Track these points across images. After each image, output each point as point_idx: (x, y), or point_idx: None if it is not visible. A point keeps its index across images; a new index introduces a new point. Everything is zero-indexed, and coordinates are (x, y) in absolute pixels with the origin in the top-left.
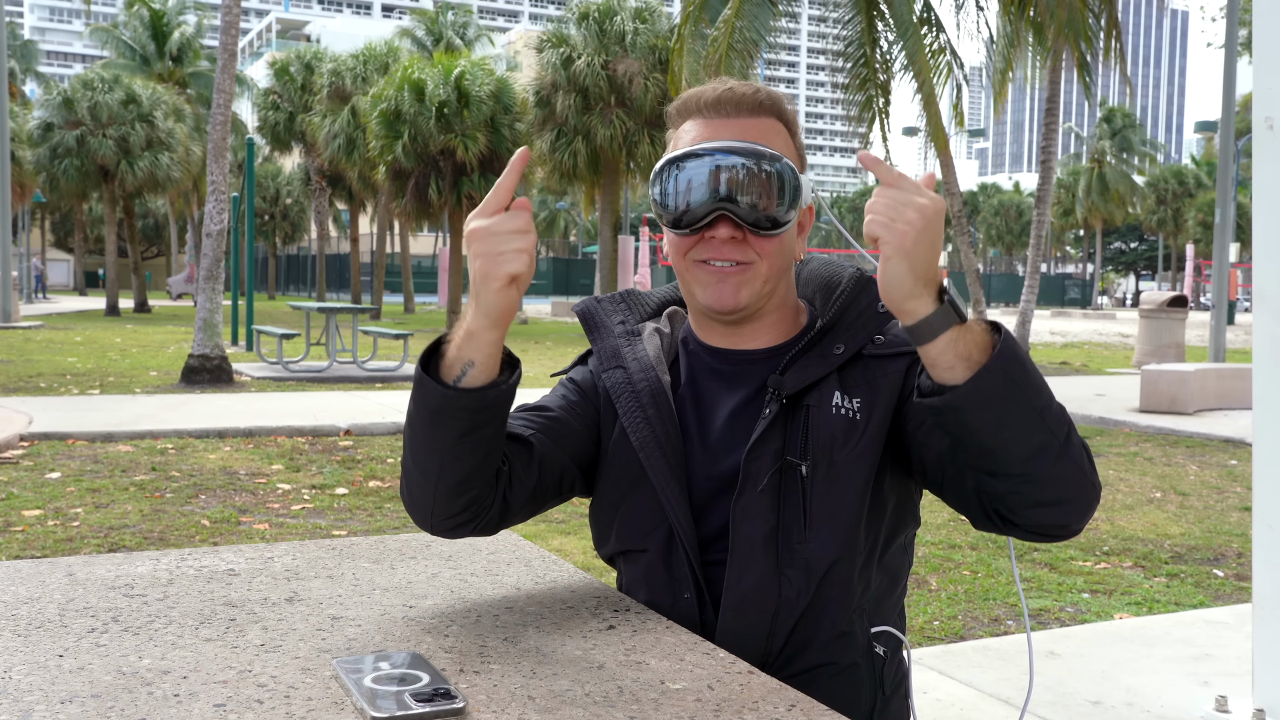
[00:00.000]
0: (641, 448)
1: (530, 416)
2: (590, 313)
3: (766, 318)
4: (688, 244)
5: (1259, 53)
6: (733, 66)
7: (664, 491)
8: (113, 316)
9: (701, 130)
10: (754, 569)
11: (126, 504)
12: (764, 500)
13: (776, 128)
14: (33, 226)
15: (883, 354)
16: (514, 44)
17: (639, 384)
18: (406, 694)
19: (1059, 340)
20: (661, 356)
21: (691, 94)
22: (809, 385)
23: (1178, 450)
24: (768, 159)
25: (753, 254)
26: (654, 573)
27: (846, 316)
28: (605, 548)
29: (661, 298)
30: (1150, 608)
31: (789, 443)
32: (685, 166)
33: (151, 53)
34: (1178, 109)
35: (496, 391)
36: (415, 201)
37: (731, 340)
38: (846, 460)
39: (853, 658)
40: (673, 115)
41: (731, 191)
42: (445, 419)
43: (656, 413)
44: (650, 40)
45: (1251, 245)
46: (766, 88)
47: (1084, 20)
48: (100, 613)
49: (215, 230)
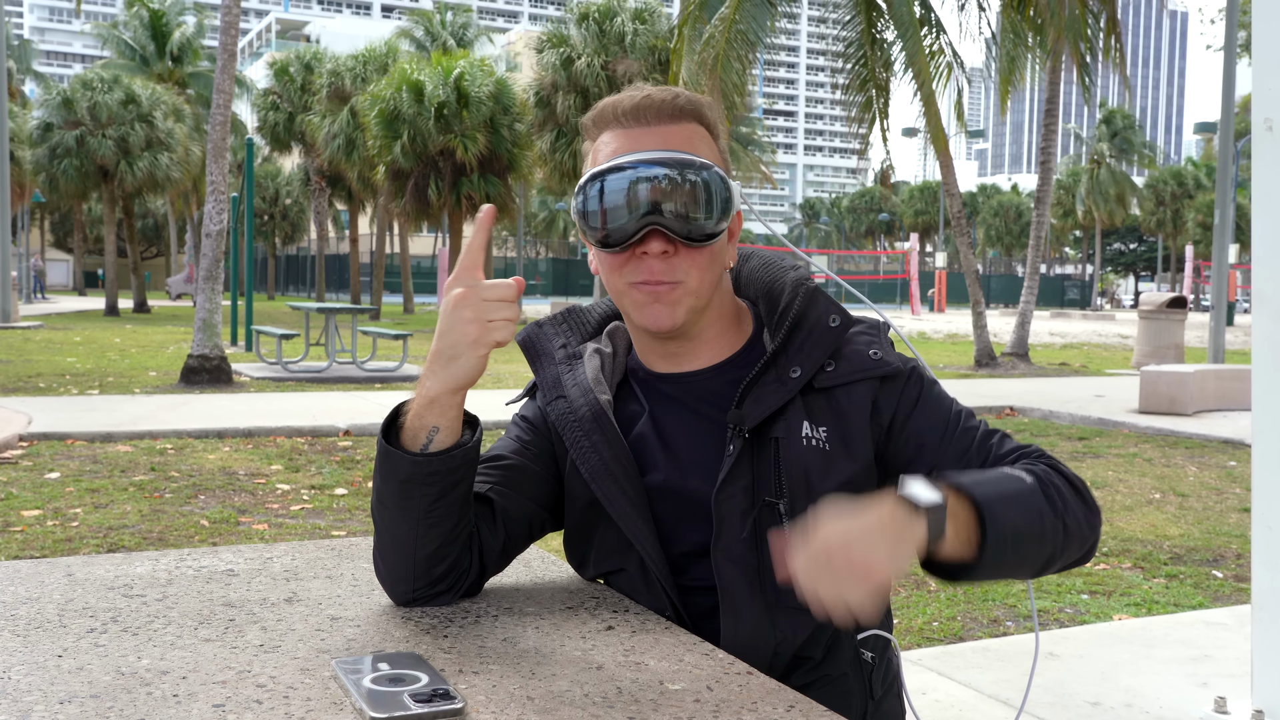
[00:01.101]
0: (592, 477)
1: (486, 471)
2: (531, 342)
3: (706, 331)
4: (619, 262)
5: (1258, 54)
6: (731, 66)
7: (623, 520)
8: (112, 317)
9: (621, 142)
10: (746, 616)
11: (125, 504)
12: (744, 543)
13: (699, 133)
14: (32, 226)
15: (842, 383)
16: (514, 44)
17: (580, 409)
18: (405, 694)
19: (1058, 341)
20: (601, 377)
21: (607, 103)
22: (771, 415)
23: (1177, 451)
24: (694, 168)
25: (682, 271)
26: (636, 591)
27: (797, 335)
28: (586, 572)
29: (602, 313)
30: (1149, 609)
31: (759, 478)
32: (608, 181)
33: (151, 53)
34: (1177, 110)
35: (463, 451)
36: (415, 202)
37: (676, 361)
38: (824, 491)
39: (841, 668)
40: (588, 127)
41: (660, 204)
42: (416, 488)
43: (602, 437)
44: (650, 41)
45: (1251, 246)
46: (686, 92)
47: (1084, 20)
48: (99, 613)
49: (215, 230)
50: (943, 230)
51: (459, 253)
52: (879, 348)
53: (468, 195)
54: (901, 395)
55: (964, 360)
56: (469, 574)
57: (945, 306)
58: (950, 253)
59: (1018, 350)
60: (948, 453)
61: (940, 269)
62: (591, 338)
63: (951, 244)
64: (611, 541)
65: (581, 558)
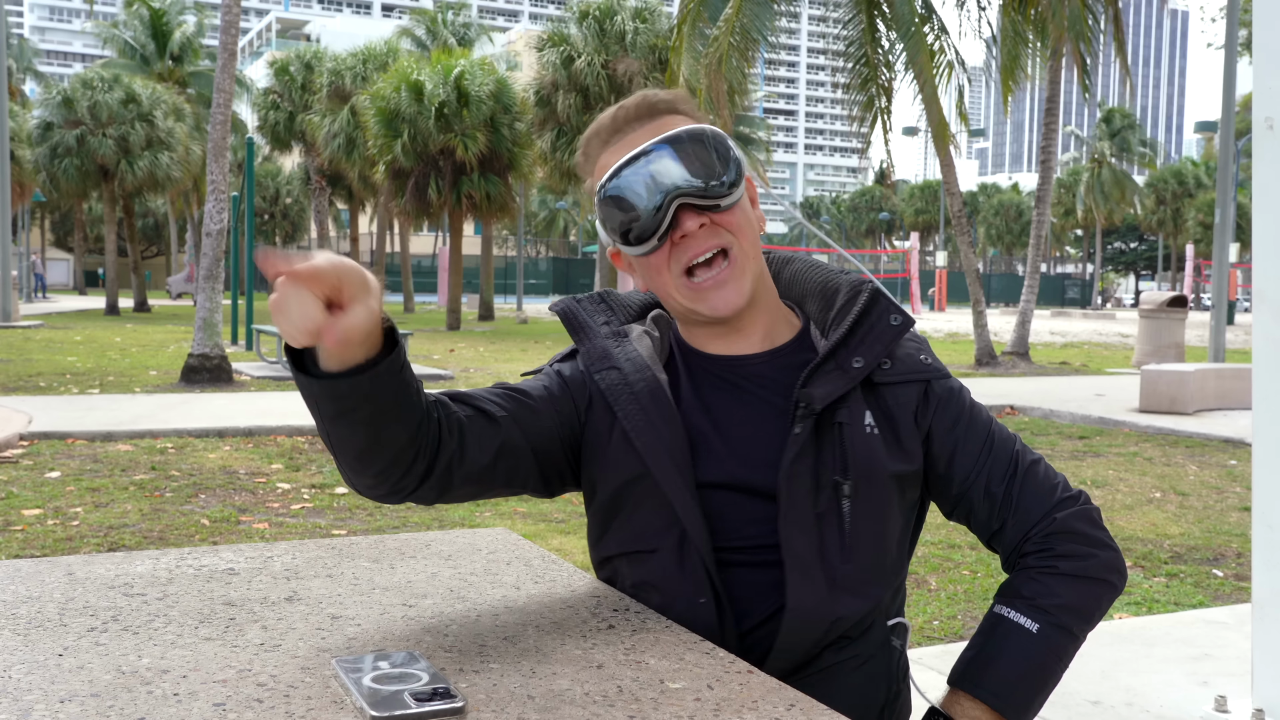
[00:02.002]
0: (646, 450)
1: (506, 397)
2: (572, 312)
3: (759, 311)
4: (662, 258)
5: (1259, 53)
6: (732, 65)
7: (675, 496)
8: (112, 316)
9: (618, 153)
10: (812, 589)
11: (126, 503)
12: (815, 517)
13: (682, 119)
14: (32, 226)
15: (893, 381)
16: (514, 43)
17: (636, 384)
18: (406, 693)
19: (1059, 340)
20: (655, 356)
21: (589, 134)
22: (836, 401)
23: (1177, 450)
24: (692, 136)
25: (727, 235)
26: (667, 575)
27: (859, 329)
28: (603, 549)
29: (643, 301)
30: (1150, 608)
31: (823, 459)
32: (616, 184)
33: (151, 52)
34: (1178, 109)
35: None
36: (415, 201)
37: (728, 344)
38: (883, 480)
39: (871, 650)
40: (582, 163)
41: (674, 180)
42: (310, 402)
43: (659, 413)
44: (650, 40)
45: (1251, 245)
46: (658, 92)
47: (1085, 19)
48: (100, 612)
49: (215, 229)
50: (943, 229)
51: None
52: (928, 354)
53: (468, 194)
54: (944, 401)
55: (965, 359)
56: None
57: (946, 305)
58: (951, 252)
59: (1018, 349)
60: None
61: (941, 268)
62: (634, 321)
63: (952, 243)
64: (647, 521)
65: (605, 531)
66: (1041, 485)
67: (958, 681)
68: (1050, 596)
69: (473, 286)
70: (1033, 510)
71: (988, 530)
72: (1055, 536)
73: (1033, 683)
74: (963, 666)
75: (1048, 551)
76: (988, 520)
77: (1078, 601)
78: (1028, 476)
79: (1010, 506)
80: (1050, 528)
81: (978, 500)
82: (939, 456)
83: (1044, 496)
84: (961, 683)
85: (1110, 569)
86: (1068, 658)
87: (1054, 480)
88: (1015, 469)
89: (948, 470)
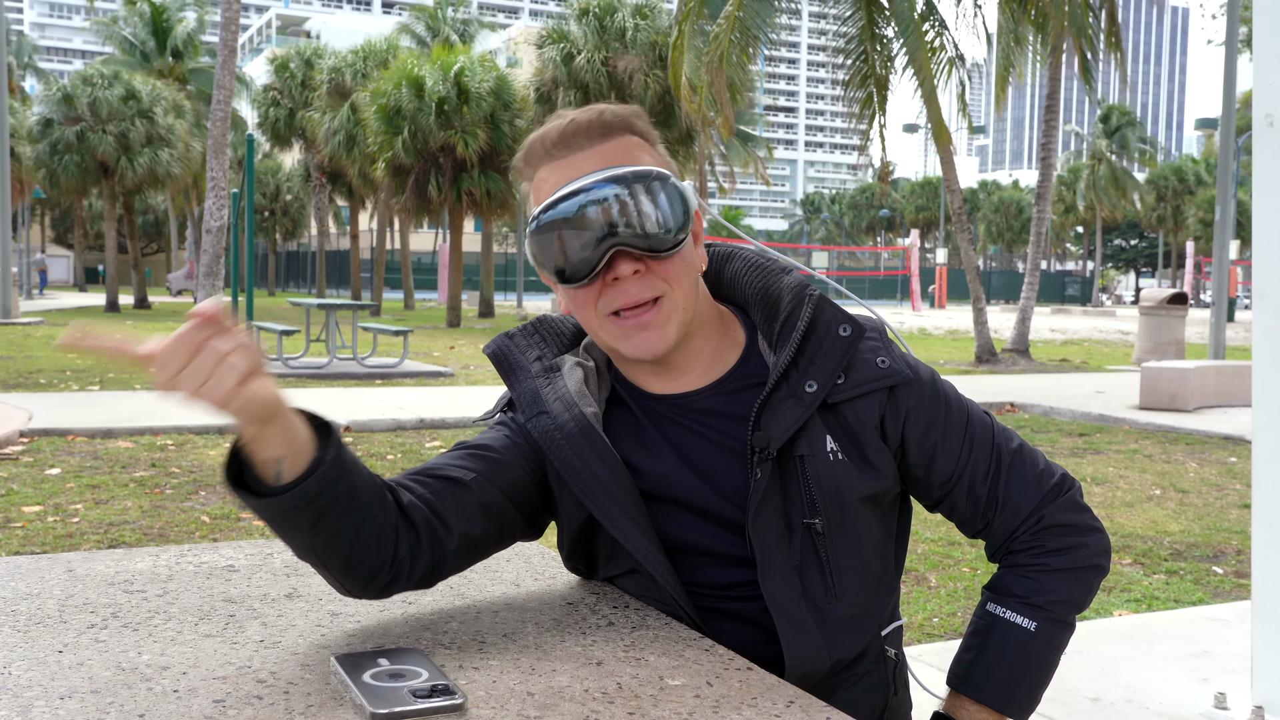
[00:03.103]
0: (587, 496)
1: (471, 457)
2: (503, 353)
3: (697, 346)
4: (591, 296)
5: (1259, 50)
6: (733, 62)
7: (621, 534)
8: (112, 313)
9: (559, 174)
10: (806, 638)
11: (126, 500)
12: (788, 568)
13: (635, 143)
14: (32, 222)
15: (851, 396)
16: (514, 40)
17: (565, 425)
18: (405, 690)
19: (1059, 337)
20: (585, 389)
21: (534, 139)
22: (795, 434)
23: (1177, 447)
24: (641, 178)
25: (661, 284)
26: (650, 591)
27: (807, 347)
28: (595, 575)
29: (576, 324)
30: (1149, 605)
31: (790, 498)
32: (556, 216)
33: (151, 49)
34: (1178, 106)
35: (318, 476)
36: (415, 198)
37: (669, 380)
38: (854, 506)
39: (866, 665)
40: (521, 168)
41: (615, 224)
42: (288, 524)
43: (593, 453)
44: (650, 37)
45: (1251, 242)
46: (613, 106)
47: (1085, 15)
48: (100, 609)
49: (215, 226)
50: (943, 226)
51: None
52: (885, 355)
53: (468, 191)
54: (913, 407)
55: (965, 356)
56: (410, 562)
57: (946, 303)
58: (951, 249)
59: (1018, 346)
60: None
61: (941, 265)
62: (568, 350)
63: (952, 240)
64: (616, 547)
65: (588, 564)
66: (1026, 479)
67: (960, 686)
68: (1045, 594)
69: (473, 283)
70: (1020, 507)
71: (972, 528)
72: (1045, 532)
73: (1034, 678)
74: (964, 671)
75: (1038, 548)
76: (972, 519)
77: (1070, 593)
78: (1012, 470)
79: (995, 506)
80: (1039, 524)
81: (961, 500)
82: (916, 463)
83: (1030, 491)
84: (964, 687)
85: (1098, 552)
86: (1064, 646)
87: (1037, 469)
88: (998, 464)
89: (927, 475)
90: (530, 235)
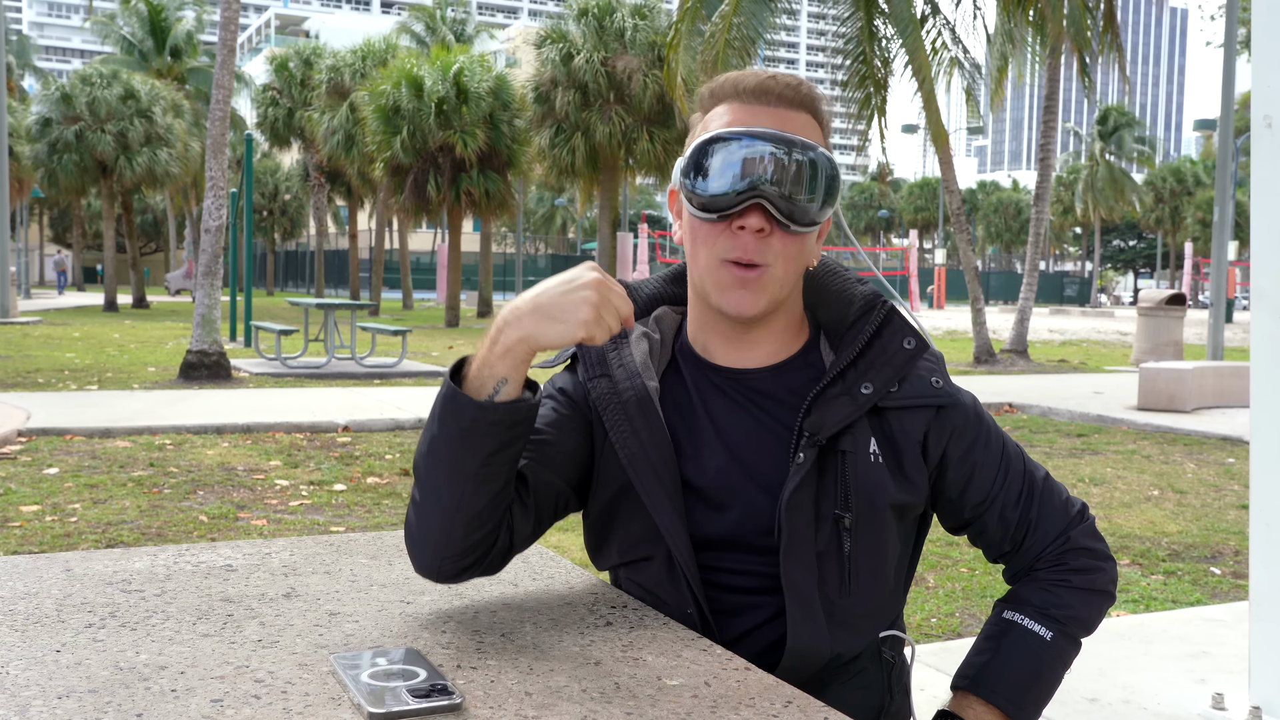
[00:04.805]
0: (630, 463)
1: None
2: None
3: (773, 325)
4: (714, 234)
5: (1258, 51)
6: (730, 63)
7: (655, 509)
8: (111, 312)
9: (738, 114)
10: (812, 624)
11: (124, 500)
12: (810, 554)
13: (812, 125)
14: (31, 221)
15: (900, 406)
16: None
17: (625, 393)
18: (403, 690)
19: (1057, 338)
20: (649, 362)
21: (730, 77)
22: (843, 429)
23: (1175, 448)
24: (806, 149)
25: (772, 255)
26: (660, 583)
27: (869, 352)
28: (604, 560)
29: (651, 293)
30: (1147, 605)
31: (824, 489)
32: (719, 148)
33: (150, 48)
34: (1177, 107)
35: (527, 406)
36: (414, 198)
37: (735, 349)
38: (884, 511)
39: (862, 663)
40: (705, 97)
41: (769, 179)
42: (477, 437)
43: (645, 423)
44: (649, 37)
45: (1250, 243)
46: (808, 83)
47: (1084, 15)
48: (98, 608)
49: (214, 226)
50: (942, 227)
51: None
52: (940, 377)
53: (467, 191)
54: (957, 428)
55: (963, 357)
56: (497, 548)
57: (944, 303)
58: (949, 249)
59: (1017, 347)
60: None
61: (939, 265)
62: (639, 318)
63: (951, 241)
64: (639, 529)
65: (603, 542)
66: (1054, 506)
67: (970, 686)
68: (1063, 608)
69: (471, 283)
70: (1049, 533)
71: (998, 551)
72: (1069, 554)
73: (1042, 688)
74: (975, 671)
75: (1061, 566)
76: (999, 542)
77: (1085, 613)
78: (1041, 498)
79: (1025, 530)
80: (1064, 546)
81: (992, 525)
82: (952, 483)
83: (1058, 518)
84: (975, 687)
85: (1112, 580)
86: (1070, 664)
87: (1062, 497)
88: (1029, 491)
89: (961, 496)
90: (695, 150)
